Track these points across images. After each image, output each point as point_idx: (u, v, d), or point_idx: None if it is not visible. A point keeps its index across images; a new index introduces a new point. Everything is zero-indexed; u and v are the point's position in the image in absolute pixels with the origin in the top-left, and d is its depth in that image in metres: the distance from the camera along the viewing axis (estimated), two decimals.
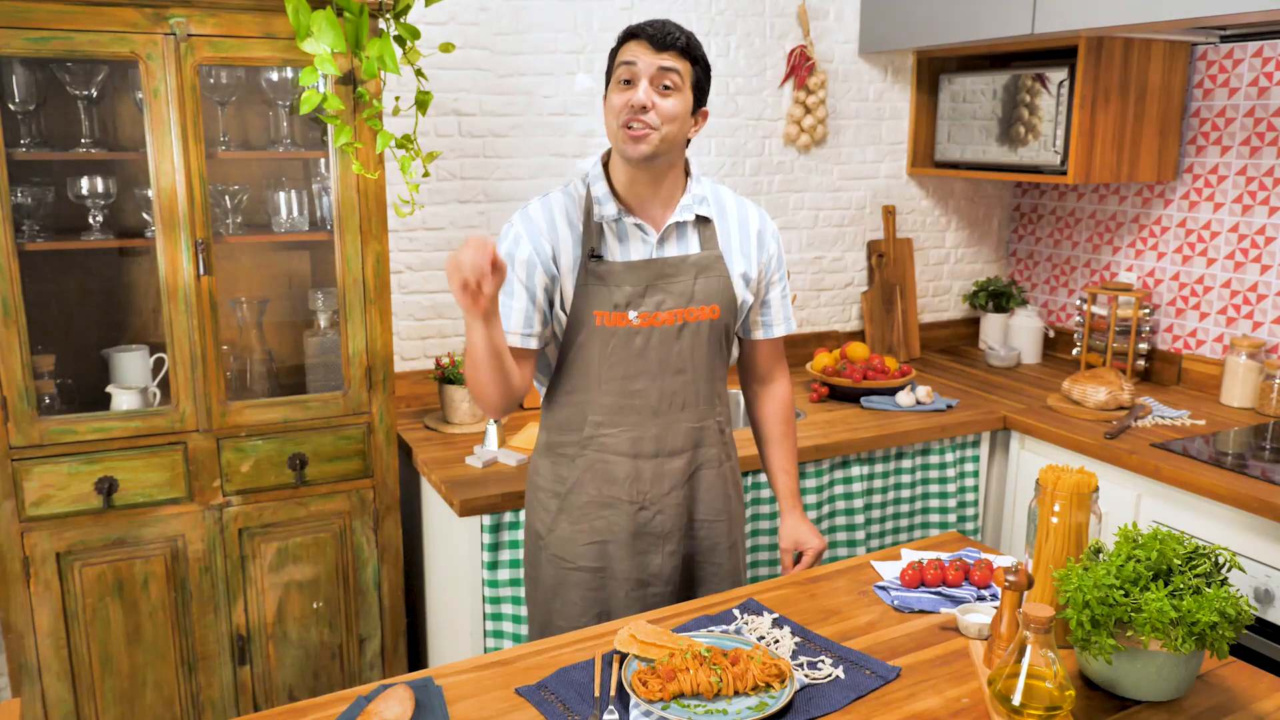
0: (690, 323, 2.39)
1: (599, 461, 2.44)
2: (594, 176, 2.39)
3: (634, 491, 2.44)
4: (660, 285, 2.36)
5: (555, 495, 2.49)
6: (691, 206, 2.40)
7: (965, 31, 3.84)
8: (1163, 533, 1.89)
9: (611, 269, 2.34)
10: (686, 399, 2.44)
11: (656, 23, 2.26)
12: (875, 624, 2.19)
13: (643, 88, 2.23)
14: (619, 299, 2.34)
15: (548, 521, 2.51)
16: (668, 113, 2.25)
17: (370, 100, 2.97)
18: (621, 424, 2.42)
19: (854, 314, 4.63)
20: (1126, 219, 4.27)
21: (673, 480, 2.46)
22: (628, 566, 2.46)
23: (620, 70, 2.26)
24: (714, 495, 2.54)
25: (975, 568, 2.35)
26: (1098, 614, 1.78)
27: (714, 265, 2.41)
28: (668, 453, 2.45)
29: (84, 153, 3.00)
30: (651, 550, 2.47)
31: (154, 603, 3.03)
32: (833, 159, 4.41)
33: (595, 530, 2.46)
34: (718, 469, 2.54)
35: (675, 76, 2.25)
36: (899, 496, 3.66)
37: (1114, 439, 3.38)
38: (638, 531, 2.46)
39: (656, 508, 2.46)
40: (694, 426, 2.47)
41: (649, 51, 2.24)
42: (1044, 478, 2.02)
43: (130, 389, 3.04)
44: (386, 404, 3.19)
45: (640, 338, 2.37)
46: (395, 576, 3.32)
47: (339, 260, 3.07)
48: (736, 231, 2.47)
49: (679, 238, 2.40)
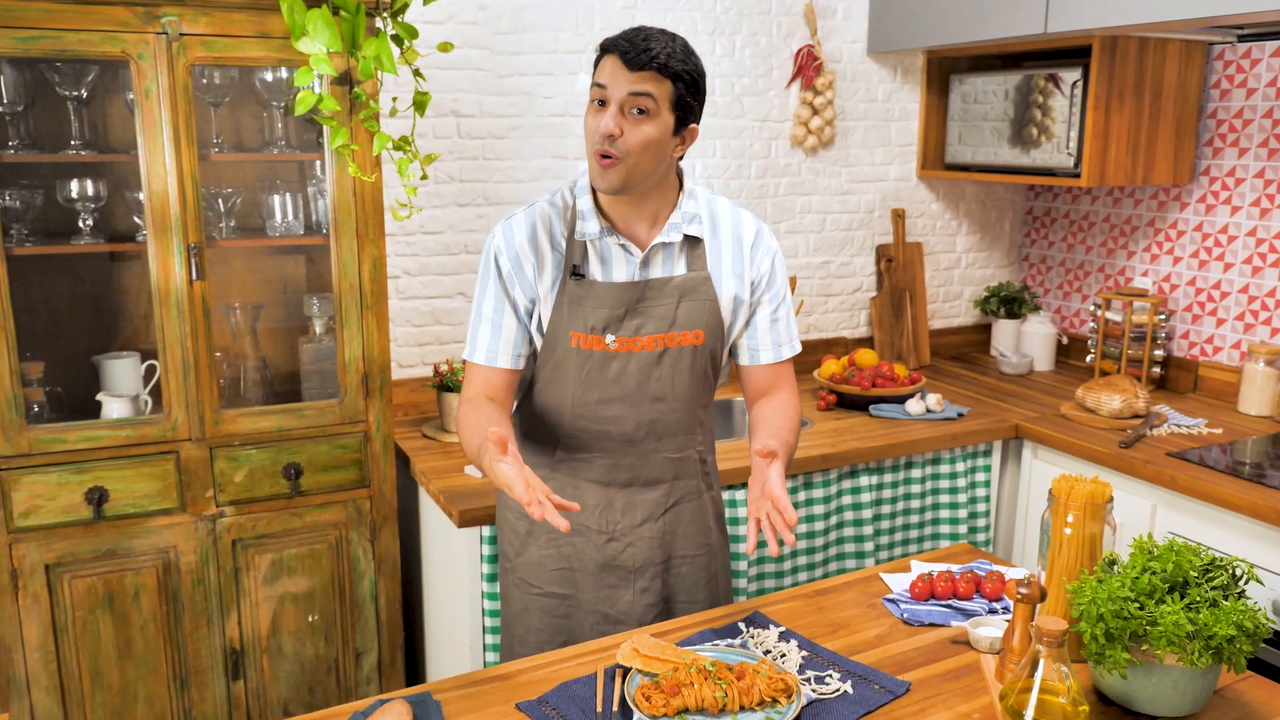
0: (671, 348, 2.30)
1: (569, 487, 2.37)
2: (580, 189, 2.31)
3: (603, 521, 2.38)
4: (641, 308, 2.28)
5: (523, 518, 2.44)
6: (680, 226, 2.29)
7: (976, 30, 3.85)
8: (1179, 544, 1.89)
9: (592, 289, 2.27)
10: (665, 428, 2.36)
11: (636, 35, 2.14)
12: (884, 637, 2.20)
13: (611, 114, 2.14)
14: (595, 321, 2.27)
15: (515, 544, 2.46)
16: (636, 143, 2.15)
17: (367, 101, 2.98)
18: (594, 450, 2.35)
19: (862, 320, 4.64)
20: (1141, 223, 4.28)
21: (646, 512, 2.39)
22: (594, 598, 2.40)
23: (593, 91, 2.17)
24: (693, 529, 2.46)
25: (987, 580, 2.36)
26: (1112, 627, 1.78)
27: (700, 288, 2.31)
28: (643, 483, 2.39)
29: (74, 155, 3.01)
30: (621, 585, 2.40)
31: (145, 616, 3.04)
32: (841, 161, 4.42)
33: (563, 556, 2.41)
34: (697, 501, 2.46)
35: (648, 101, 2.13)
36: (908, 507, 3.66)
37: (1129, 448, 3.38)
38: (606, 563, 2.39)
39: (627, 540, 2.39)
40: (672, 457, 2.40)
41: (622, 71, 2.13)
42: (1057, 488, 2.03)
43: (121, 397, 3.05)
44: (383, 412, 3.20)
45: (617, 363, 2.29)
46: (392, 589, 3.32)
47: (335, 265, 3.08)
48: (730, 250, 2.36)
49: (665, 258, 2.31)
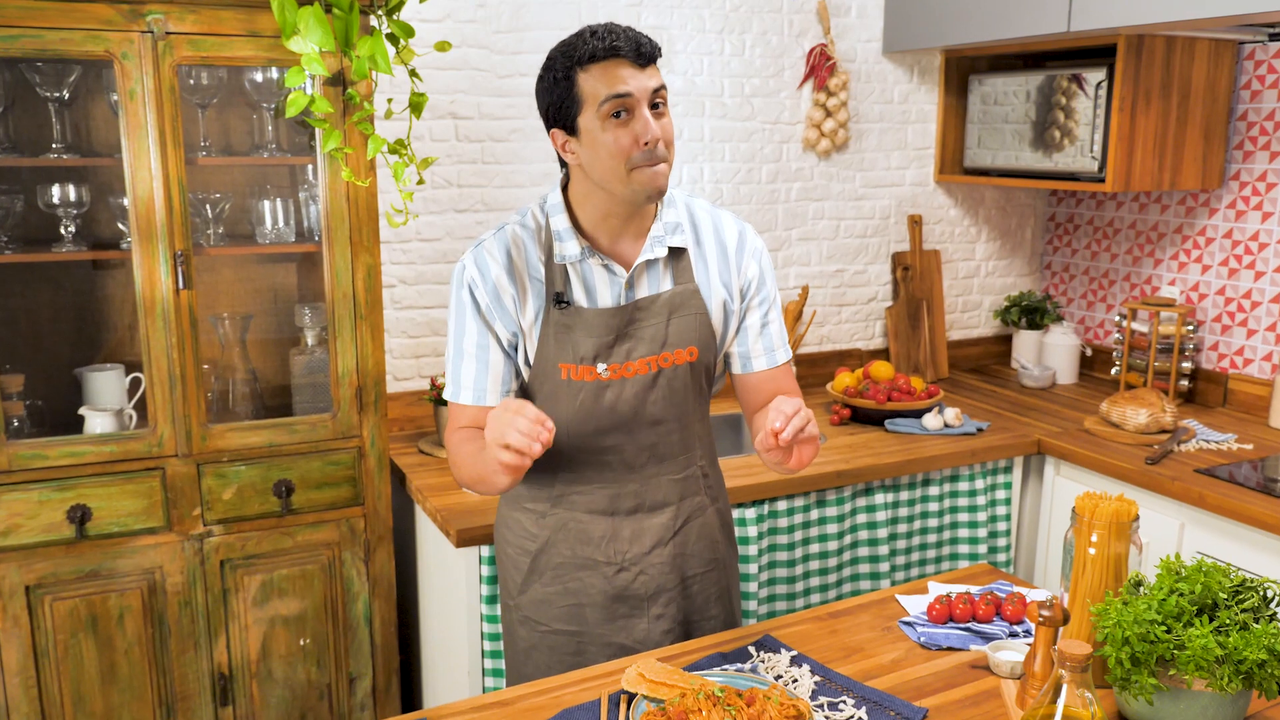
0: (665, 369, 2.28)
1: (571, 520, 2.36)
2: (553, 208, 2.27)
3: (611, 552, 2.36)
4: (630, 331, 2.26)
5: (525, 553, 2.41)
6: (664, 239, 2.26)
7: (997, 29, 3.86)
8: (1208, 564, 1.89)
9: (579, 317, 2.24)
10: (665, 450, 2.35)
11: (622, 32, 2.11)
12: (900, 662, 2.20)
13: (647, 117, 2.11)
14: (585, 351, 2.24)
15: (518, 581, 2.44)
16: (670, 138, 2.15)
17: (361, 102, 2.99)
18: (595, 481, 2.33)
19: (878, 331, 4.64)
20: (1169, 229, 4.28)
21: (655, 537, 2.38)
22: (606, 631, 2.39)
23: (609, 105, 2.09)
24: (703, 546, 2.45)
25: (1007, 602, 2.35)
26: (1138, 651, 1.78)
27: (689, 302, 2.29)
28: (649, 508, 2.37)
29: (55, 159, 3.02)
30: (634, 615, 2.39)
31: (130, 639, 3.04)
32: (855, 165, 4.42)
33: (570, 591, 2.38)
34: (703, 517, 2.45)
35: (665, 93, 2.14)
36: (926, 526, 3.66)
37: (1155, 464, 3.38)
38: (617, 595, 2.37)
39: (638, 568, 2.37)
40: (676, 478, 2.38)
41: (634, 70, 2.10)
42: (1081, 506, 2.03)
43: (104, 411, 3.06)
44: (378, 427, 3.21)
45: (611, 391, 2.27)
46: (388, 611, 3.33)
47: (327, 273, 3.09)
48: (715, 256, 2.34)
49: (650, 274, 2.28)
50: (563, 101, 2.15)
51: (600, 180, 2.17)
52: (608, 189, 2.17)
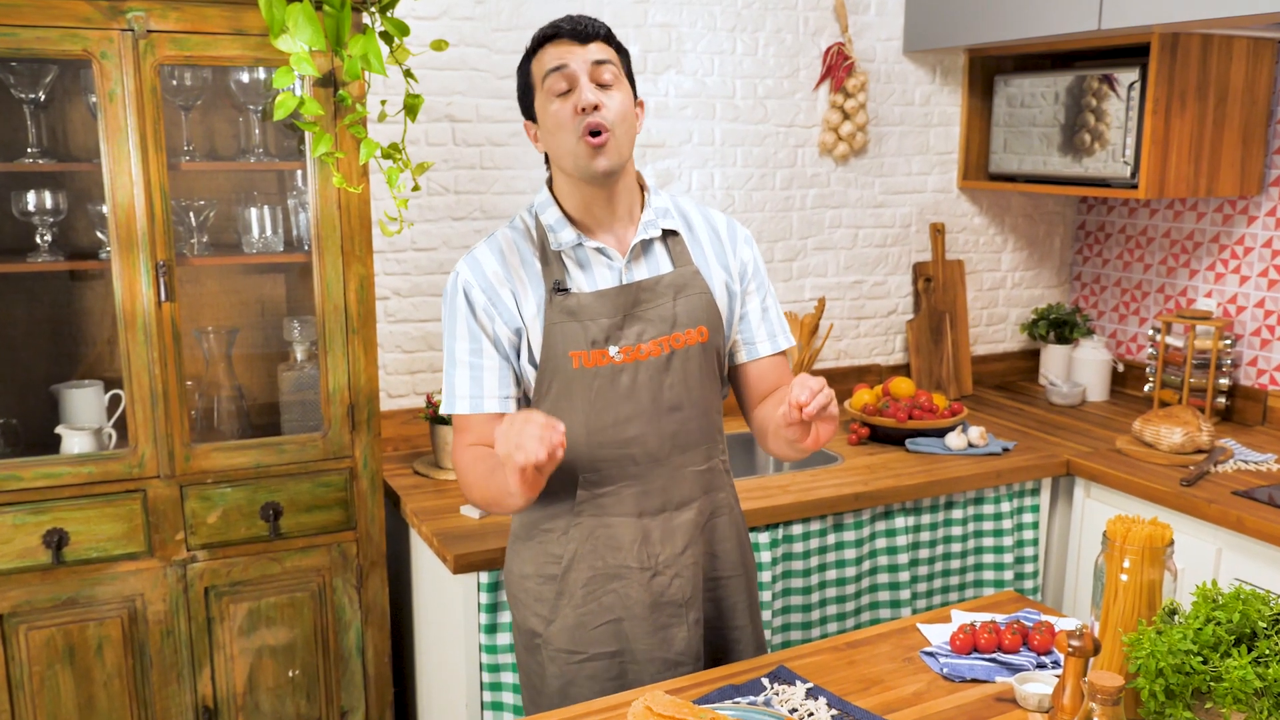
0: (678, 350, 2.35)
1: (599, 527, 2.38)
2: (542, 204, 2.38)
3: (644, 555, 2.38)
4: (638, 313, 2.33)
5: (549, 580, 2.41)
6: (656, 221, 2.38)
7: (1024, 27, 3.87)
8: (1246, 592, 1.90)
9: (581, 301, 2.30)
10: (688, 439, 2.40)
11: (570, 17, 2.28)
12: (922, 695, 2.20)
13: (585, 87, 2.23)
14: (595, 334, 2.30)
15: (544, 613, 2.43)
16: (617, 110, 2.25)
17: (353, 104, 3.00)
18: (620, 478, 2.36)
19: (898, 345, 4.65)
20: (1205, 238, 4.28)
21: (686, 536, 2.41)
22: (650, 644, 2.39)
23: (550, 80, 2.26)
24: (729, 548, 2.50)
25: (1035, 631, 2.36)
26: (1172, 683, 1.78)
27: (692, 281, 2.38)
28: (676, 505, 2.41)
29: (30, 164, 3.03)
30: (674, 623, 2.40)
31: (109, 670, 3.05)
32: (874, 171, 4.44)
33: (606, 608, 2.39)
34: (729, 515, 2.51)
35: (612, 68, 2.26)
36: (949, 551, 3.66)
37: (1191, 486, 3.38)
38: (655, 602, 2.39)
39: (673, 571, 2.40)
40: (701, 469, 2.44)
41: (574, 47, 2.25)
42: (1112, 530, 2.03)
43: (82, 430, 3.07)
44: (371, 446, 3.21)
45: (626, 375, 2.32)
46: (381, 641, 3.33)
47: (317, 285, 3.10)
48: (708, 241, 2.46)
49: (647, 257, 2.38)
50: (523, 91, 2.35)
51: (557, 160, 2.32)
52: (565, 167, 2.31)
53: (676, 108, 4.01)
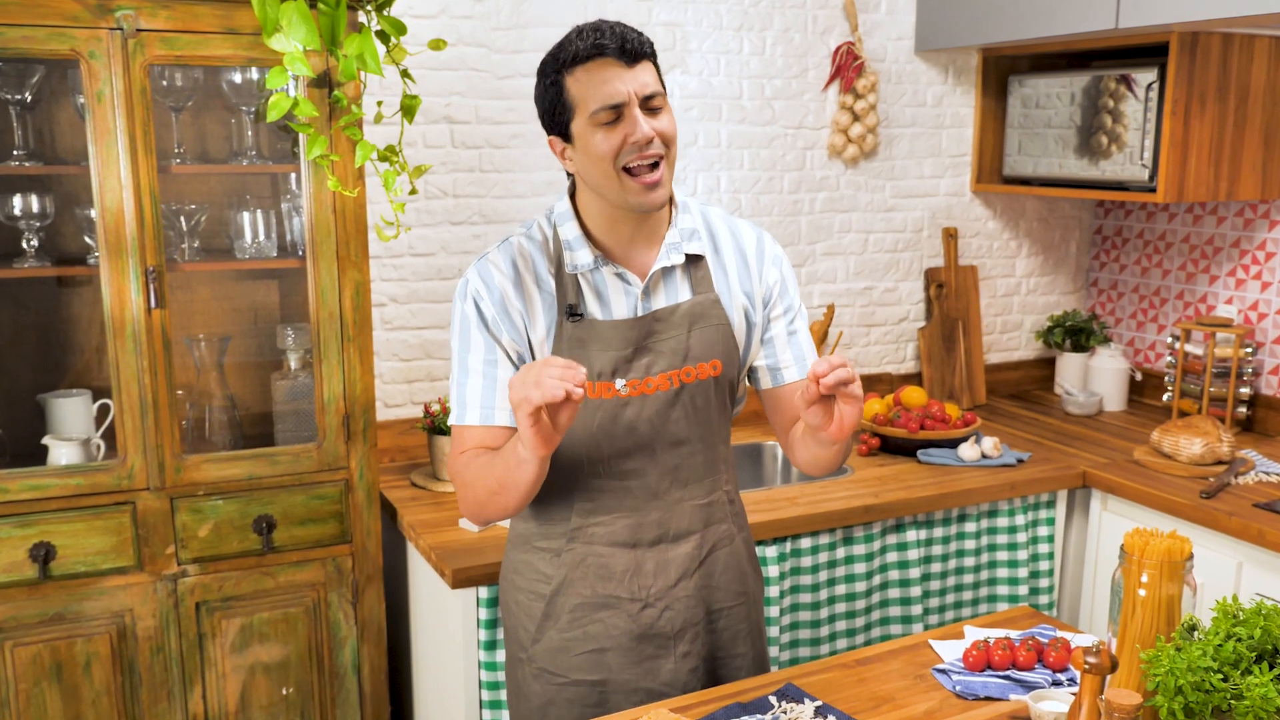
0: (688, 385, 2.29)
1: (590, 555, 2.34)
2: (562, 216, 2.31)
3: (635, 587, 2.35)
4: (649, 344, 2.27)
5: (538, 598, 2.39)
6: (680, 245, 2.30)
7: (1039, 26, 3.87)
8: (1268, 607, 1.90)
9: (594, 330, 2.25)
10: (690, 474, 2.35)
11: (611, 31, 2.14)
12: (934, 713, 2.20)
13: (640, 118, 2.13)
14: (603, 366, 2.25)
15: (530, 630, 2.42)
16: (669, 135, 2.18)
17: (348, 106, 3.00)
18: (616, 510, 2.33)
19: (909, 354, 4.65)
20: (1225, 243, 4.28)
21: (680, 569, 2.37)
22: (633, 675, 2.38)
23: (601, 115, 2.13)
24: (730, 578, 2.46)
25: (1050, 648, 2.36)
26: (1192, 702, 1.78)
27: (710, 312, 2.31)
28: (673, 538, 2.36)
29: (16, 166, 3.05)
30: (660, 655, 2.38)
31: (98, 688, 3.05)
32: (885, 174, 4.44)
33: (590, 636, 2.36)
34: (730, 546, 2.46)
35: (661, 95, 2.17)
36: (962, 565, 3.66)
37: (1211, 498, 3.38)
38: (642, 634, 2.37)
39: (664, 603, 2.37)
40: (701, 504, 2.38)
41: (622, 70, 2.13)
42: (1130, 544, 2.03)
43: (70, 441, 3.07)
44: (367, 458, 3.21)
45: (631, 409, 2.27)
46: (377, 657, 3.33)
47: (312, 291, 3.11)
48: (735, 265, 2.38)
49: (667, 283, 2.31)
50: (555, 108, 2.20)
51: (595, 186, 2.21)
52: (603, 195, 2.21)
53: (681, 109, 4.01)
